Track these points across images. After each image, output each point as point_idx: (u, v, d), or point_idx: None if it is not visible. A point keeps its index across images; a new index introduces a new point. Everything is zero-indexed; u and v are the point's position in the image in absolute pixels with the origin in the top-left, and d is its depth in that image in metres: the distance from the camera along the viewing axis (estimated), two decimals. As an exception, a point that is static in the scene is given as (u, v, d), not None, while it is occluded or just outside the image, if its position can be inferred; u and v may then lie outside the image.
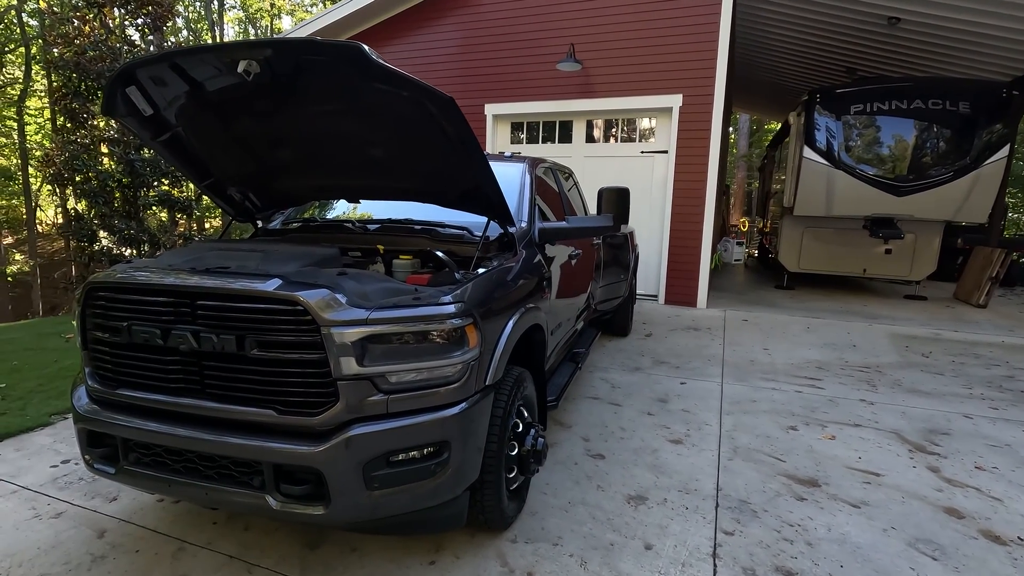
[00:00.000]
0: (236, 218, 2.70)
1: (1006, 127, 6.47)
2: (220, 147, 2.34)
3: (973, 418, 3.50)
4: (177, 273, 1.71)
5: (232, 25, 26.70)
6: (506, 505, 2.09)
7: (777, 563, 2.03)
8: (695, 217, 6.81)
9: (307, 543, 2.09)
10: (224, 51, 1.82)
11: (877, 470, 2.78)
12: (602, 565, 2.00)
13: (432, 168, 2.17)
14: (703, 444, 3.05)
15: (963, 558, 2.08)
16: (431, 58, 7.81)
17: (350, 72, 1.76)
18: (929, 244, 7.64)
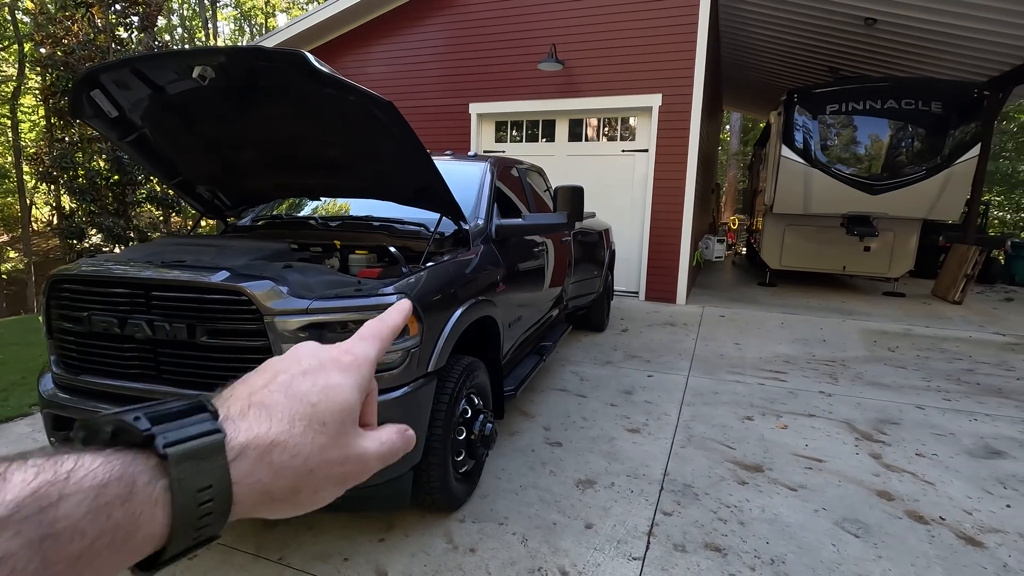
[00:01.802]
0: (205, 215, 2.81)
1: (978, 127, 6.60)
2: (186, 147, 2.45)
3: (925, 409, 3.63)
4: (135, 266, 1.82)
5: (226, 23, 26.74)
6: (454, 487, 2.21)
7: (707, 540, 2.15)
8: (675, 215, 6.92)
9: (264, 522, 2.21)
10: (180, 57, 1.93)
11: (821, 456, 2.90)
12: (542, 542, 2.12)
13: (384, 167, 2.28)
14: (659, 433, 3.17)
15: (885, 536, 2.20)
16: (416, 57, 7.91)
17: (298, 78, 1.87)
18: (907, 242, 7.77)
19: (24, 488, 0.23)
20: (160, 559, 0.28)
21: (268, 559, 2.00)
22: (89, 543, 0.24)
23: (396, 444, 0.38)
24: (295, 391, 0.33)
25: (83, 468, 0.25)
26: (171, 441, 0.27)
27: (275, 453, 0.30)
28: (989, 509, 2.42)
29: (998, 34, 6.43)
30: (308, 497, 0.33)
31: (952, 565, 2.03)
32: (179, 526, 0.27)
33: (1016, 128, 15.01)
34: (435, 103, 7.90)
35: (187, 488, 0.27)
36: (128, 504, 0.25)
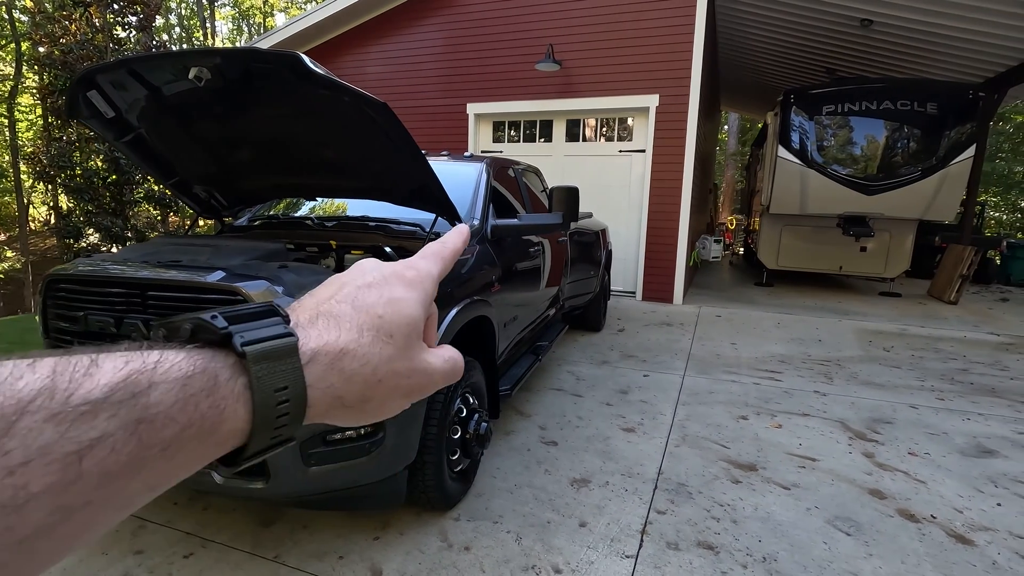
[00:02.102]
0: (202, 215, 2.82)
1: (973, 128, 6.63)
2: (182, 148, 2.46)
3: (918, 408, 3.65)
4: (131, 266, 1.83)
5: (224, 22, 26.71)
6: (449, 486, 2.23)
7: (700, 538, 2.17)
8: (671, 215, 6.95)
9: (261, 521, 2.22)
10: (176, 58, 1.94)
11: (815, 455, 2.92)
12: (536, 540, 2.13)
13: (380, 168, 2.30)
14: (654, 432, 3.19)
15: (876, 534, 2.22)
16: (414, 58, 7.92)
17: (293, 79, 1.88)
18: (903, 242, 7.81)
19: (116, 374, 0.23)
20: (243, 455, 0.29)
21: (264, 557, 2.01)
22: (179, 430, 0.25)
23: (457, 363, 0.39)
24: (362, 302, 0.33)
25: (168, 360, 0.25)
26: (248, 340, 0.28)
27: (345, 360, 0.31)
28: (980, 508, 2.44)
29: (993, 35, 6.46)
30: (376, 406, 0.33)
31: (942, 563, 2.05)
32: (259, 423, 0.28)
33: (1012, 129, 15.06)
34: (433, 103, 7.91)
35: (265, 387, 0.28)
36: (212, 397, 0.26)
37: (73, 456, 0.21)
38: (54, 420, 0.21)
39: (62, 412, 0.21)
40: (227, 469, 0.29)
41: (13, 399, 0.20)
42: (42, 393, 0.21)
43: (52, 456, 0.20)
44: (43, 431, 0.20)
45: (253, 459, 0.29)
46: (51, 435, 0.21)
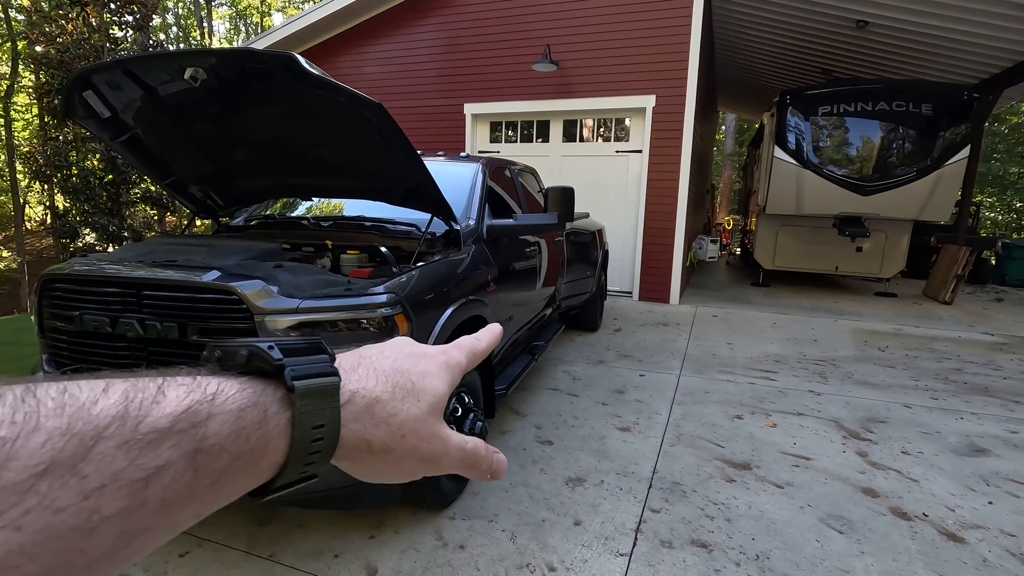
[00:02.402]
0: (198, 215, 2.83)
1: (968, 129, 6.66)
2: (178, 148, 2.47)
3: (912, 407, 3.67)
4: (126, 265, 1.84)
5: (221, 22, 26.67)
6: (444, 485, 2.24)
7: (694, 537, 2.18)
8: (668, 215, 6.96)
9: (257, 520, 2.23)
10: (172, 59, 1.95)
11: (809, 455, 2.94)
12: (531, 539, 2.14)
13: (376, 168, 2.31)
14: (649, 432, 3.20)
15: (868, 532, 2.24)
16: (412, 58, 7.93)
17: (288, 79, 1.89)
18: (898, 242, 7.84)
19: (179, 404, 0.24)
20: (270, 488, 0.29)
21: (259, 556, 2.02)
22: (230, 461, 0.26)
23: (479, 453, 0.40)
24: (399, 366, 0.36)
25: (224, 392, 0.26)
26: (298, 375, 0.29)
27: (377, 407, 0.33)
28: (972, 506, 2.46)
29: (988, 37, 6.49)
30: (395, 460, 0.34)
31: (933, 560, 2.06)
32: (293, 458, 0.29)
33: (1007, 130, 15.12)
34: (430, 103, 7.92)
35: (305, 423, 0.29)
36: (261, 430, 0.27)
37: (140, 483, 0.22)
38: (125, 447, 0.22)
39: (132, 440, 0.22)
40: (253, 499, 0.30)
41: (91, 424, 0.21)
42: (116, 420, 0.22)
43: (122, 482, 0.21)
44: (115, 457, 0.21)
45: (279, 492, 0.30)
46: (122, 461, 0.21)
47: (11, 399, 0.20)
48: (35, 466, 0.19)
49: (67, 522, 0.19)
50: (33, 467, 0.19)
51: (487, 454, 0.40)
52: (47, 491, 0.19)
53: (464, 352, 0.43)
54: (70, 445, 0.20)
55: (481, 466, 0.40)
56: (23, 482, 0.19)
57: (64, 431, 0.20)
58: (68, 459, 0.20)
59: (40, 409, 0.20)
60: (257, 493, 0.30)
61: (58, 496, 0.19)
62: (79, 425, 0.21)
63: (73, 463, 0.20)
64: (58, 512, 0.19)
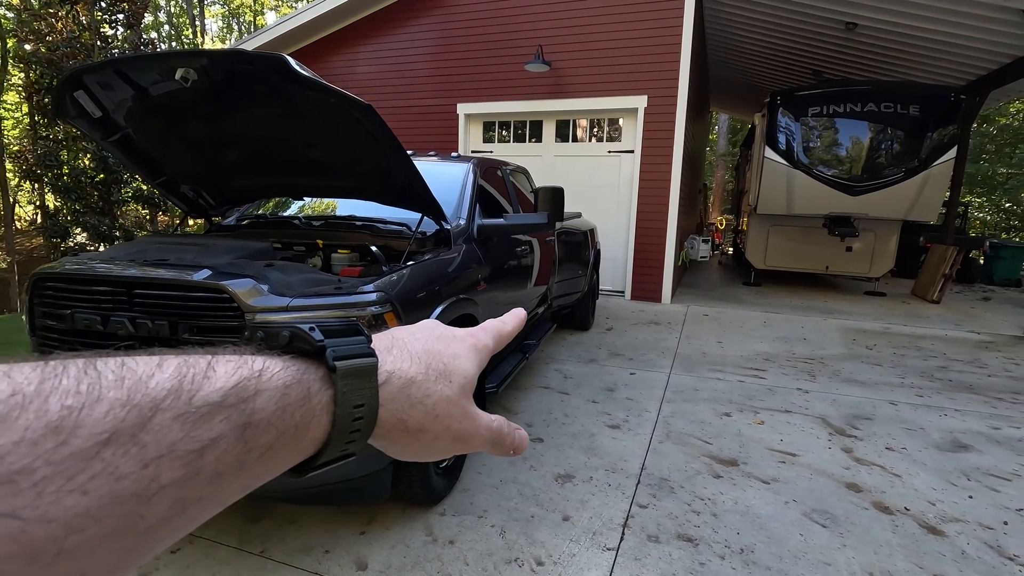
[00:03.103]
0: (190, 214, 2.84)
1: (955, 130, 6.74)
2: (170, 148, 2.48)
3: (897, 405, 3.73)
4: (117, 264, 1.85)
5: (214, 20, 26.55)
6: (434, 481, 2.26)
7: (681, 531, 2.22)
8: (660, 215, 7.01)
9: (249, 517, 2.25)
10: (163, 59, 1.96)
11: (795, 451, 2.98)
12: (520, 534, 2.17)
13: (367, 168, 2.33)
14: (639, 429, 3.24)
15: (850, 526, 2.28)
16: (405, 58, 7.94)
17: (279, 80, 1.91)
18: (887, 242, 7.93)
19: (228, 380, 0.25)
20: (312, 464, 0.31)
21: (251, 552, 2.04)
22: (276, 436, 0.27)
23: (504, 430, 0.41)
24: (431, 348, 0.37)
25: (270, 370, 0.27)
26: (339, 355, 0.30)
27: (412, 388, 0.34)
28: (952, 500, 2.51)
29: (975, 39, 6.58)
30: (429, 440, 0.35)
31: (913, 553, 2.11)
32: (335, 435, 0.30)
33: (996, 131, 15.29)
34: (423, 103, 7.93)
35: (347, 402, 0.30)
36: (305, 407, 0.28)
37: (195, 454, 0.23)
38: (180, 419, 0.23)
39: (187, 412, 0.23)
40: (295, 475, 0.31)
41: (148, 397, 0.22)
42: (171, 393, 0.23)
43: (178, 452, 0.22)
44: (172, 429, 0.22)
45: (321, 468, 0.31)
46: (178, 433, 0.22)
47: (75, 371, 0.21)
48: (99, 434, 0.20)
49: (128, 489, 0.20)
50: (98, 435, 0.20)
51: (510, 431, 0.42)
52: (110, 458, 0.20)
53: (491, 335, 0.44)
54: (130, 416, 0.21)
55: (505, 443, 0.41)
56: (89, 449, 0.19)
57: (124, 402, 0.21)
58: (129, 429, 0.21)
59: (102, 381, 0.21)
60: (299, 469, 0.30)
61: (120, 464, 0.20)
62: (138, 397, 0.22)
63: (133, 433, 0.21)
64: (120, 479, 0.20)
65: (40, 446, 0.18)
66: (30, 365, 0.20)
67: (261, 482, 0.28)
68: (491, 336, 0.44)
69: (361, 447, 0.32)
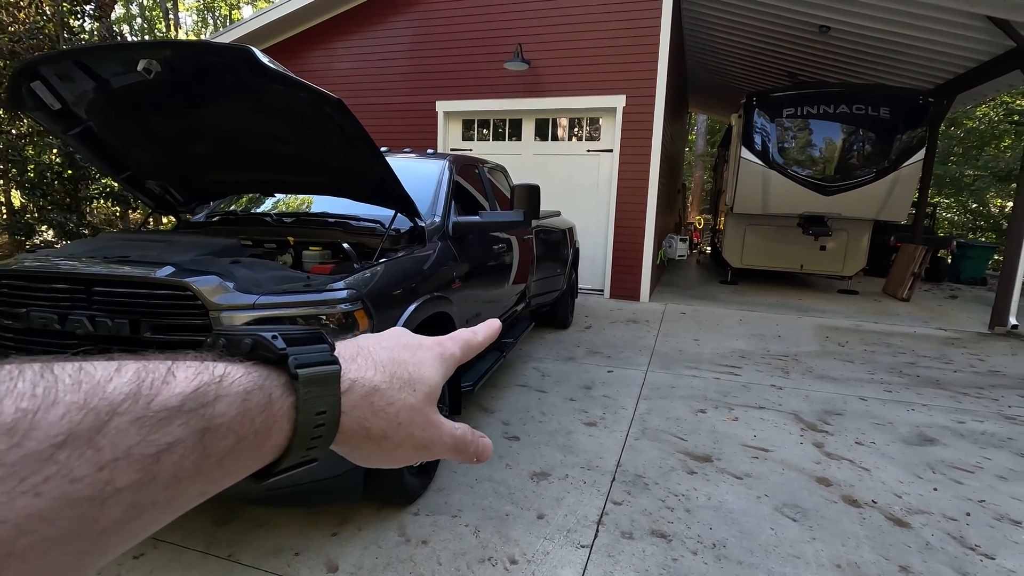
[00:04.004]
0: (156, 211, 2.77)
1: (924, 132, 6.92)
2: (134, 142, 2.41)
3: (867, 400, 3.81)
4: (76, 261, 1.79)
5: (188, 14, 25.99)
6: (408, 481, 2.24)
7: (654, 528, 2.23)
8: (638, 214, 7.06)
9: (216, 520, 2.20)
10: (124, 50, 1.90)
11: (768, 446, 3.03)
12: (494, 533, 2.16)
13: (339, 164, 2.29)
14: (615, 426, 3.25)
15: (820, 519, 2.32)
16: (383, 54, 7.86)
17: (247, 73, 1.87)
18: (859, 241, 8.10)
19: (188, 384, 0.25)
20: (274, 470, 0.31)
21: (217, 556, 1.99)
22: (236, 441, 0.27)
23: (467, 438, 0.41)
24: (396, 356, 0.37)
25: (231, 376, 0.27)
26: (301, 363, 0.30)
27: (375, 396, 0.34)
28: (918, 492, 2.57)
29: (943, 44, 6.75)
30: (392, 447, 0.36)
31: (879, 544, 2.15)
32: (297, 442, 0.30)
33: (963, 134, 15.73)
34: (402, 100, 7.87)
35: (308, 408, 0.30)
36: (265, 413, 0.28)
37: (152, 458, 0.23)
38: (138, 423, 0.23)
39: (144, 416, 0.23)
40: (256, 481, 0.31)
41: (106, 401, 0.22)
42: (129, 397, 0.23)
43: (135, 456, 0.22)
44: (129, 432, 0.22)
45: (281, 474, 0.31)
46: (135, 437, 0.22)
47: (31, 374, 0.21)
48: (54, 436, 0.20)
49: (83, 491, 0.20)
50: (52, 438, 0.20)
51: (474, 439, 0.42)
52: (65, 461, 0.20)
53: (459, 344, 0.44)
54: (87, 419, 0.21)
55: (469, 450, 0.41)
56: (43, 451, 0.19)
57: (81, 406, 0.21)
58: (85, 432, 0.21)
59: (58, 384, 0.21)
60: (260, 475, 0.31)
61: (75, 466, 0.20)
62: (95, 401, 0.22)
63: (89, 436, 0.21)
64: (75, 481, 0.20)
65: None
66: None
67: (220, 487, 0.27)
68: (459, 346, 0.44)
69: (323, 453, 0.32)
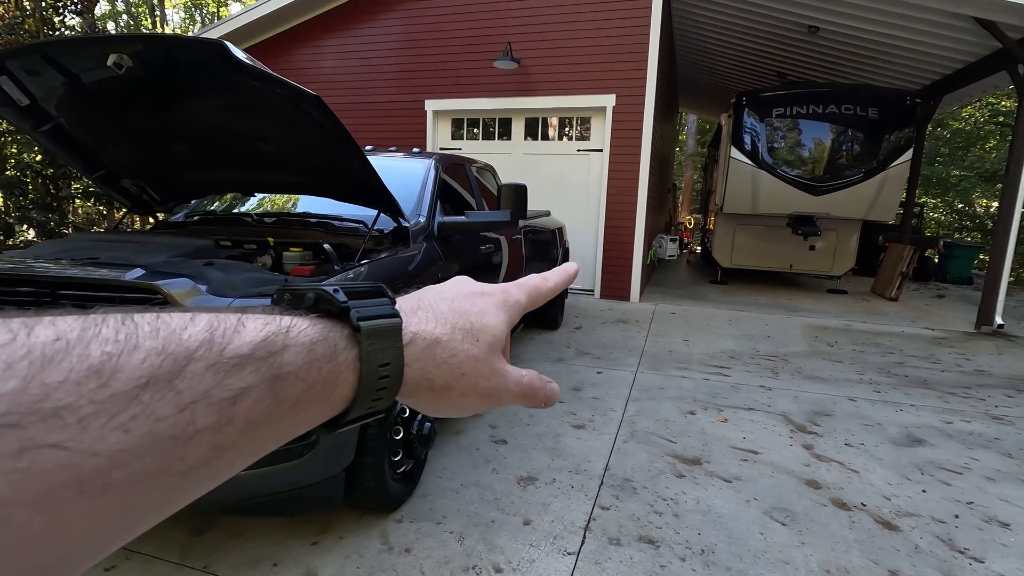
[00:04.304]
0: (133, 211, 2.69)
1: (911, 132, 6.95)
2: (108, 139, 2.34)
3: (856, 401, 3.80)
4: (43, 262, 1.72)
5: (175, 11, 25.69)
6: (391, 487, 2.18)
7: (642, 533, 2.20)
8: (629, 214, 7.04)
9: (192, 530, 2.13)
10: (94, 44, 1.84)
11: (757, 448, 3.00)
12: (479, 540, 2.12)
13: (319, 163, 2.23)
14: (604, 429, 3.21)
15: (809, 523, 2.29)
16: (372, 52, 7.78)
17: (222, 69, 1.81)
18: (848, 241, 8.13)
19: (257, 334, 0.26)
20: (340, 420, 0.32)
21: (192, 568, 1.93)
22: (305, 389, 0.28)
23: (535, 384, 0.41)
24: (457, 307, 0.37)
25: (297, 327, 0.28)
26: (363, 316, 0.31)
27: (437, 348, 0.35)
28: (907, 494, 2.55)
29: (930, 45, 6.78)
30: (457, 397, 0.36)
31: (869, 548, 2.13)
32: (362, 393, 0.31)
33: (949, 135, 15.89)
34: (390, 99, 7.80)
35: (372, 361, 0.31)
36: (331, 363, 0.29)
37: (227, 402, 0.24)
38: (212, 369, 0.24)
39: (218, 363, 0.24)
40: (327, 431, 0.32)
41: (182, 347, 0.23)
42: (203, 344, 0.24)
43: (212, 400, 0.23)
44: (205, 377, 0.23)
45: (351, 424, 0.32)
46: (211, 381, 0.24)
47: (113, 322, 0.22)
48: (137, 379, 0.21)
49: (167, 430, 0.22)
50: (136, 379, 0.21)
51: (542, 385, 0.42)
52: (148, 401, 0.21)
53: (525, 291, 0.43)
54: (165, 363, 0.22)
55: (537, 396, 0.41)
56: (128, 392, 0.21)
57: (160, 351, 0.22)
58: (164, 375, 0.22)
59: (138, 331, 0.22)
60: (330, 425, 0.32)
61: (158, 407, 0.21)
62: (172, 347, 0.23)
63: (169, 379, 0.22)
64: (159, 421, 0.21)
65: (83, 386, 0.20)
66: (73, 316, 0.22)
67: (294, 433, 0.29)
68: (525, 293, 0.44)
69: (387, 404, 0.33)
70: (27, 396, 0.18)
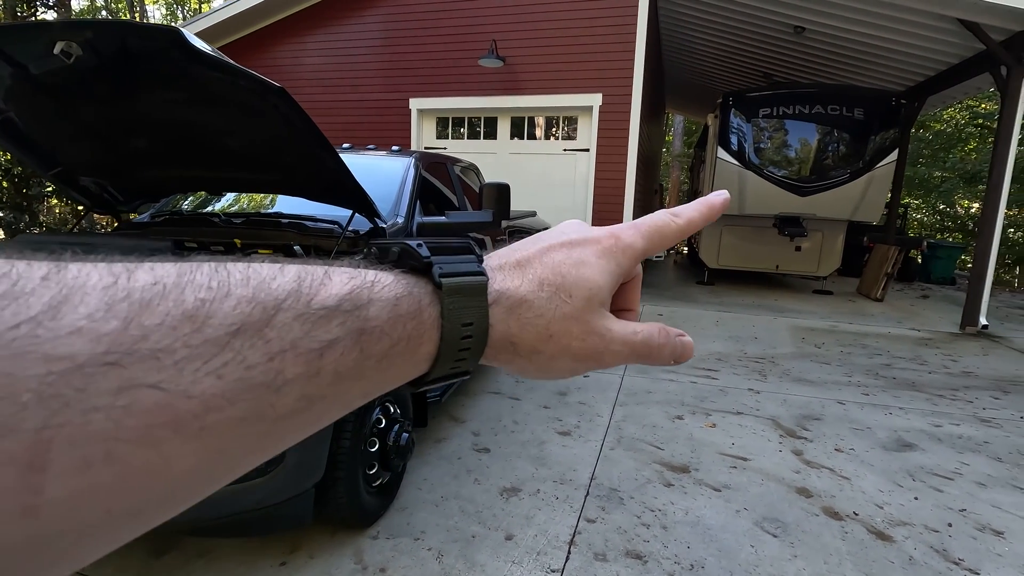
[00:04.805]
0: (93, 210, 2.55)
1: (896, 133, 6.97)
2: (64, 135, 2.19)
3: (845, 404, 3.76)
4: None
5: (156, 7, 25.24)
6: (366, 501, 2.07)
7: (629, 547, 2.11)
8: (615, 214, 6.97)
9: (153, 551, 2.01)
10: (36, 30, 1.70)
11: (747, 455, 2.93)
12: (458, 557, 2.01)
13: (289, 160, 2.12)
14: (590, 435, 3.12)
15: (801, 534, 2.22)
16: (355, 49, 7.64)
17: (180, 59, 1.68)
18: (834, 242, 8.14)
19: (343, 287, 0.26)
20: (424, 380, 0.31)
21: (150, 592, 1.80)
22: (390, 345, 0.27)
23: (652, 342, 0.36)
24: (549, 259, 0.34)
25: (382, 282, 0.28)
26: (446, 272, 0.30)
27: (522, 308, 0.32)
28: (899, 502, 2.49)
29: (914, 46, 6.81)
30: (546, 361, 0.33)
31: (862, 561, 2.06)
32: (444, 352, 0.29)
33: (931, 136, 16.08)
34: (374, 97, 7.66)
35: (455, 318, 0.29)
36: (415, 320, 0.28)
37: (315, 353, 0.23)
38: (300, 320, 0.23)
39: (306, 313, 0.24)
40: (413, 389, 0.31)
41: (271, 296, 0.23)
42: (291, 295, 0.23)
43: (300, 350, 0.23)
44: (293, 327, 0.23)
45: (434, 383, 0.31)
46: (299, 332, 0.23)
47: (207, 269, 0.22)
48: (229, 325, 0.21)
49: (257, 378, 0.21)
50: (228, 326, 0.21)
51: (666, 340, 0.36)
52: (239, 348, 0.21)
53: (642, 232, 0.36)
54: (255, 312, 0.22)
55: (663, 353, 0.36)
56: (221, 338, 0.21)
57: (250, 299, 0.22)
58: (255, 323, 0.22)
59: (230, 279, 0.22)
60: (416, 383, 0.31)
61: (248, 354, 0.21)
62: (262, 295, 0.23)
63: (259, 327, 0.22)
64: (250, 368, 0.21)
65: (178, 331, 0.20)
66: (169, 263, 0.22)
67: (381, 390, 0.28)
68: (643, 234, 0.36)
69: (472, 365, 0.32)
70: (127, 337, 0.18)
